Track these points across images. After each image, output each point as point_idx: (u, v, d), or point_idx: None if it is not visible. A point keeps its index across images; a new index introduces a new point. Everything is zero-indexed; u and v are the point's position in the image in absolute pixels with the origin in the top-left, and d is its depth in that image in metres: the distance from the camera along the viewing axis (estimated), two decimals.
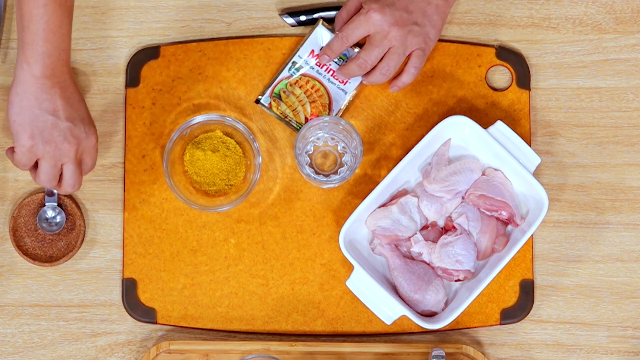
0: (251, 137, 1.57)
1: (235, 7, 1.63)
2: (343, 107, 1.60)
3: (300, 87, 1.60)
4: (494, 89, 1.62)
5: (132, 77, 1.62)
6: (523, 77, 1.62)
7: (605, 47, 1.63)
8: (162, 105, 1.61)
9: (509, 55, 1.62)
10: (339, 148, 1.59)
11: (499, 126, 1.55)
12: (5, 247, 1.61)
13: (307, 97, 1.60)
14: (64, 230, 1.60)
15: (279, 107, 1.60)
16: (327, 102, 1.60)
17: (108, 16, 1.63)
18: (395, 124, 1.61)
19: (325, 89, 1.61)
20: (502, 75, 1.63)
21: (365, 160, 1.61)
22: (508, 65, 1.62)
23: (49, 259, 1.59)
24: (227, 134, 1.60)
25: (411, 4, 1.51)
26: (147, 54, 1.62)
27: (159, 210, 1.60)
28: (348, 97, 1.60)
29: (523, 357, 1.60)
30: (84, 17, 1.63)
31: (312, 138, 1.58)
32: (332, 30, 1.61)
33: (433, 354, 1.53)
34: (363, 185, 1.60)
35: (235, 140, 1.60)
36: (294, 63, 1.60)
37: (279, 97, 1.60)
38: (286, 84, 1.60)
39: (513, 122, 1.61)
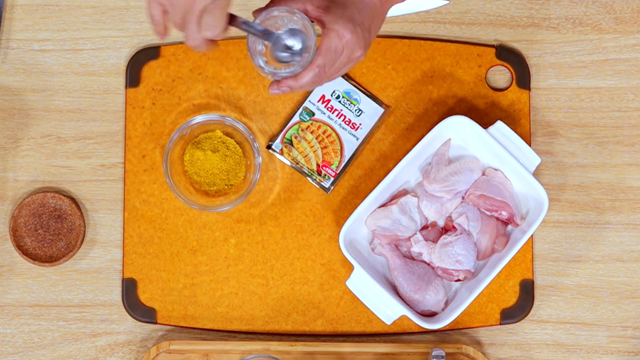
0: (251, 137, 1.57)
1: (235, 7, 1.63)
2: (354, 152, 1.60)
3: (311, 133, 1.60)
4: (494, 89, 1.62)
5: (132, 77, 1.62)
6: (523, 77, 1.62)
7: (605, 47, 1.63)
8: (162, 105, 1.61)
9: (509, 55, 1.62)
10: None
11: (499, 126, 1.55)
12: (5, 247, 1.61)
13: (319, 142, 1.60)
14: (64, 230, 1.60)
15: (291, 153, 1.60)
16: (339, 147, 1.60)
17: (108, 16, 1.63)
18: (395, 124, 1.61)
19: (337, 134, 1.60)
20: (502, 75, 1.63)
21: (365, 160, 1.61)
22: (508, 65, 1.62)
23: (49, 259, 1.60)
24: (227, 134, 1.60)
25: (372, 23, 1.42)
26: (147, 54, 1.62)
27: (159, 210, 1.60)
28: (359, 143, 1.60)
29: (523, 357, 1.60)
30: (84, 17, 1.63)
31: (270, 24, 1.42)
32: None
33: (433, 354, 1.53)
34: (363, 185, 1.60)
35: (235, 140, 1.60)
36: (305, 108, 1.60)
37: (291, 142, 1.60)
38: (297, 129, 1.60)
39: (513, 122, 1.61)
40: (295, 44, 1.39)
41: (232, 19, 1.34)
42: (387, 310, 1.53)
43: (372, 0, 1.41)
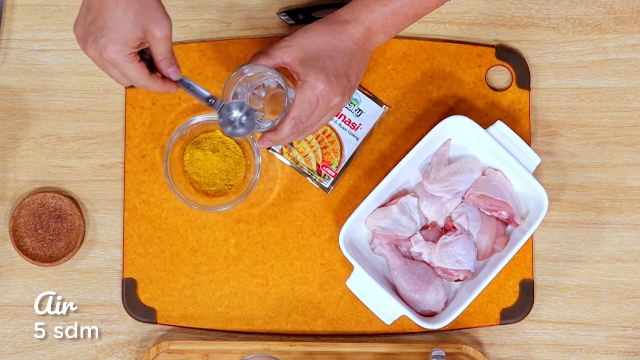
0: (251, 137, 1.57)
1: (235, 7, 1.63)
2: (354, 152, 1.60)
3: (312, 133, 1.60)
4: (494, 89, 1.62)
5: None
6: (523, 77, 1.62)
7: (605, 47, 1.63)
8: (162, 105, 1.61)
9: (509, 55, 1.62)
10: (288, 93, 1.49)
11: (499, 126, 1.55)
12: (5, 247, 1.61)
13: (319, 142, 1.60)
14: (64, 230, 1.60)
15: (291, 153, 1.60)
16: (339, 147, 1.60)
17: None
18: (395, 124, 1.61)
19: (337, 134, 1.60)
20: (502, 75, 1.63)
21: (365, 160, 1.61)
22: (508, 65, 1.62)
23: (49, 259, 1.59)
24: None
25: (350, 68, 1.45)
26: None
27: (159, 210, 1.60)
28: (359, 143, 1.60)
29: (523, 357, 1.60)
30: None
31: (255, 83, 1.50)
32: None
33: (433, 354, 1.53)
34: (363, 185, 1.60)
35: (235, 140, 1.60)
36: None
37: (291, 143, 1.60)
38: None
39: (513, 122, 1.61)
40: (238, 115, 1.45)
41: (180, 82, 1.42)
42: (387, 310, 1.53)
43: (347, 46, 1.45)
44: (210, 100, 1.44)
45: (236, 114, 1.45)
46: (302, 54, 1.44)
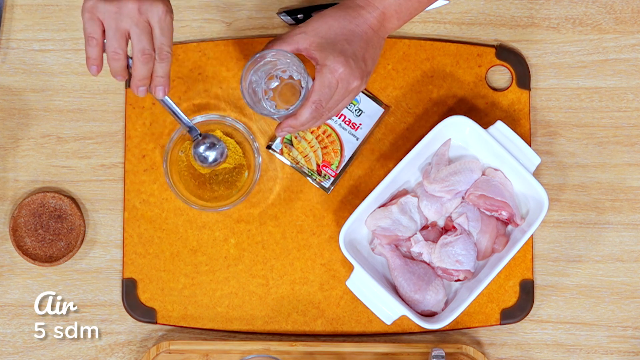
0: (251, 137, 1.57)
1: (235, 7, 1.63)
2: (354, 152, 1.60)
3: (311, 133, 1.60)
4: (494, 89, 1.62)
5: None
6: (523, 77, 1.62)
7: (605, 47, 1.63)
8: None
9: (509, 55, 1.62)
10: (302, 82, 1.49)
11: (499, 126, 1.55)
12: (5, 247, 1.61)
13: (319, 142, 1.60)
14: (64, 230, 1.60)
15: (291, 153, 1.60)
16: (339, 147, 1.60)
17: None
18: (395, 124, 1.61)
19: (337, 134, 1.60)
20: (502, 75, 1.63)
21: (365, 160, 1.61)
22: (508, 65, 1.62)
23: (49, 259, 1.60)
24: (227, 134, 1.60)
25: (366, 52, 1.45)
26: None
27: (159, 210, 1.60)
28: (359, 143, 1.60)
29: (523, 357, 1.60)
30: None
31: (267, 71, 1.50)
32: None
33: (433, 354, 1.53)
34: (363, 185, 1.60)
35: (235, 140, 1.60)
36: None
37: (291, 142, 1.60)
38: None
39: (513, 122, 1.61)
40: (210, 155, 1.53)
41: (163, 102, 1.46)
42: (387, 310, 1.53)
43: (363, 30, 1.45)
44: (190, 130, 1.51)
45: (202, 149, 1.53)
46: (319, 39, 1.43)
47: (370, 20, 1.46)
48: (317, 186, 1.60)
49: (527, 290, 1.59)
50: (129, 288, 1.59)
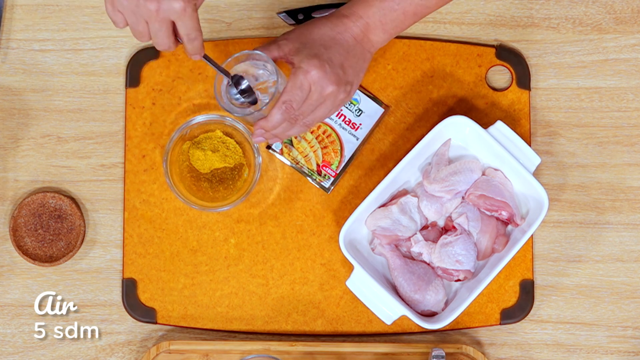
0: (251, 136, 1.57)
1: (235, 7, 1.63)
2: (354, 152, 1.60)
3: (312, 133, 1.60)
4: (494, 89, 1.62)
5: (132, 77, 1.62)
6: (523, 77, 1.62)
7: (605, 47, 1.63)
8: (162, 105, 1.61)
9: (509, 55, 1.62)
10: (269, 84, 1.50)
11: (499, 126, 1.55)
12: (5, 247, 1.61)
13: (319, 142, 1.60)
14: (64, 230, 1.60)
15: (291, 153, 1.60)
16: (339, 147, 1.60)
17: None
18: (395, 124, 1.61)
19: (337, 134, 1.60)
20: (502, 75, 1.63)
21: (365, 160, 1.61)
22: (508, 65, 1.62)
23: (49, 259, 1.60)
24: (227, 134, 1.60)
25: (346, 60, 1.45)
26: (147, 54, 1.62)
27: (159, 210, 1.60)
28: (359, 143, 1.60)
29: (523, 357, 1.60)
30: (84, 17, 1.63)
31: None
32: None
33: (433, 354, 1.53)
34: (363, 185, 1.60)
35: (235, 140, 1.60)
36: None
37: (291, 142, 1.60)
38: None
39: (513, 122, 1.61)
40: (245, 84, 1.46)
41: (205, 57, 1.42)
42: (387, 310, 1.53)
43: (344, 38, 1.45)
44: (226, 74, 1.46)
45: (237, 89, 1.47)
46: (299, 45, 1.45)
47: (354, 30, 1.46)
48: (317, 186, 1.60)
49: (527, 290, 1.59)
50: (129, 288, 1.59)
